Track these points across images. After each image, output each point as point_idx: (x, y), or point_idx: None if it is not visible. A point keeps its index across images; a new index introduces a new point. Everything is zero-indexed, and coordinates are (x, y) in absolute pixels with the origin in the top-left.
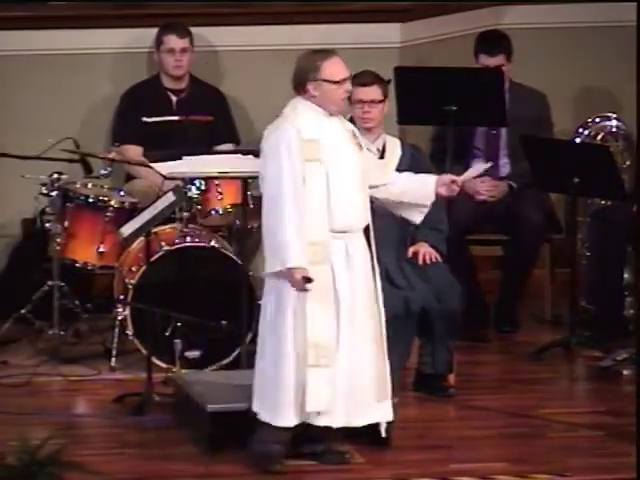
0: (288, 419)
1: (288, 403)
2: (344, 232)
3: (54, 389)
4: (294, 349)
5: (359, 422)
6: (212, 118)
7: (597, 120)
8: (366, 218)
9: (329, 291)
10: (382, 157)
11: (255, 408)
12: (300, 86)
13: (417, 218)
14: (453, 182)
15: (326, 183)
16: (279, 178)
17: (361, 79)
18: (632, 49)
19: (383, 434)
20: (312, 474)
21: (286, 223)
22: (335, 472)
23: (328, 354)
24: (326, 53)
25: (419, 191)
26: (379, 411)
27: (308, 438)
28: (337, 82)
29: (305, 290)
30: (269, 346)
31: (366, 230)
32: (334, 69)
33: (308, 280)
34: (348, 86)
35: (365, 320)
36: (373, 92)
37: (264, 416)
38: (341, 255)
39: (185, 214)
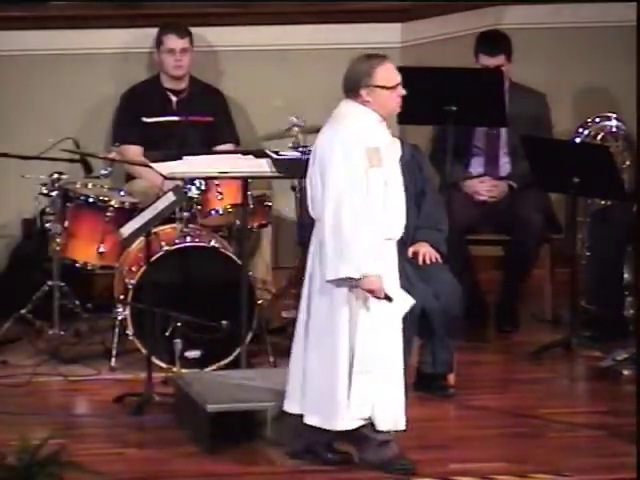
0: (344, 423)
1: (343, 407)
2: (391, 239)
3: (54, 389)
4: (347, 354)
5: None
6: (212, 118)
7: (597, 120)
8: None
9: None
10: None
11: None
12: (353, 91)
13: None
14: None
15: (382, 190)
16: (344, 184)
17: None
18: (632, 49)
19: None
20: (312, 474)
21: (359, 230)
22: (335, 472)
23: (375, 361)
24: (380, 58)
25: None
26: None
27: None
28: (390, 88)
29: (385, 299)
30: (320, 350)
31: None
32: (388, 75)
33: (388, 298)
34: (400, 91)
35: (398, 324)
36: None
37: (316, 421)
38: (387, 261)
39: (185, 214)
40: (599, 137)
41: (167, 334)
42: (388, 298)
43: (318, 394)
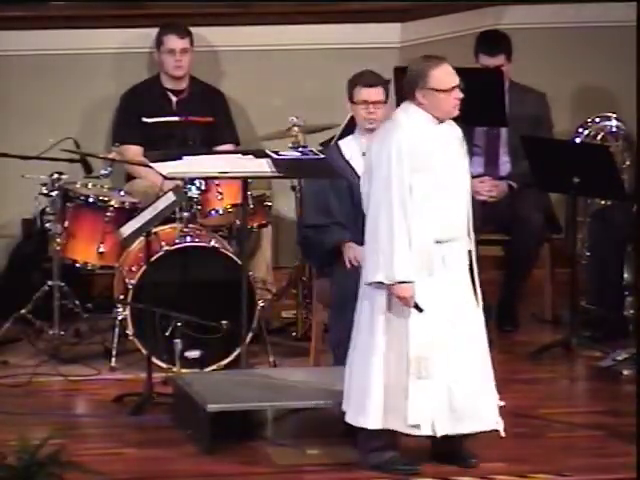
0: (373, 422)
1: (374, 406)
2: (445, 242)
3: (54, 389)
4: (385, 356)
5: (460, 430)
6: (212, 118)
7: (597, 120)
8: (468, 227)
9: (430, 302)
10: None
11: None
12: (410, 93)
13: None
14: None
15: (432, 192)
16: (389, 186)
17: (366, 80)
18: (632, 49)
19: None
20: (311, 474)
21: (396, 235)
22: (334, 471)
23: (429, 365)
24: (436, 60)
25: None
26: (480, 422)
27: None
28: (445, 91)
29: (415, 308)
30: (361, 351)
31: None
32: (442, 78)
33: (418, 308)
34: (457, 94)
35: (465, 331)
36: (378, 93)
37: (349, 417)
38: (440, 264)
39: (185, 214)
40: (599, 137)
41: (167, 334)
42: (418, 308)
43: (355, 393)
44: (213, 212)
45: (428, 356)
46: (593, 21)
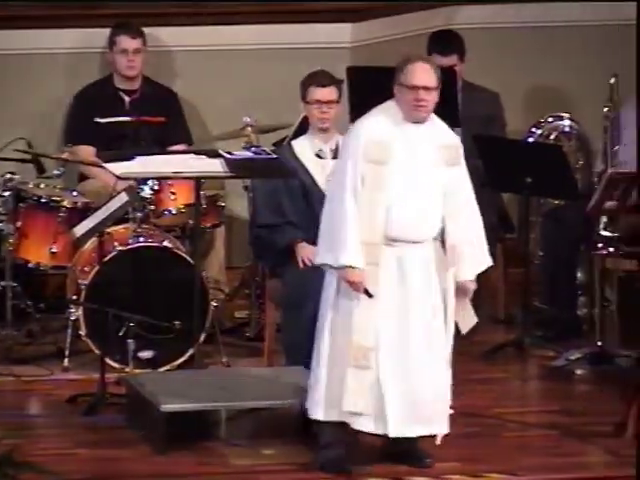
0: (316, 412)
1: (318, 396)
2: (400, 241)
3: (7, 389)
4: (330, 344)
5: (410, 433)
6: (165, 119)
7: (550, 120)
8: (430, 232)
9: (376, 293)
10: (335, 157)
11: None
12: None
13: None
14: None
15: (387, 187)
16: (344, 172)
17: (319, 80)
18: (585, 49)
19: (438, 441)
20: (266, 474)
21: (346, 221)
22: (290, 472)
23: (371, 356)
24: (416, 58)
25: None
26: (435, 425)
27: None
28: (408, 87)
29: (365, 293)
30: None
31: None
32: (409, 74)
33: (368, 293)
34: (421, 95)
35: (419, 335)
36: (331, 93)
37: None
38: (392, 264)
39: (138, 214)
40: (552, 137)
41: (120, 334)
42: (368, 293)
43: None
44: (166, 212)
45: (371, 346)
46: (547, 20)
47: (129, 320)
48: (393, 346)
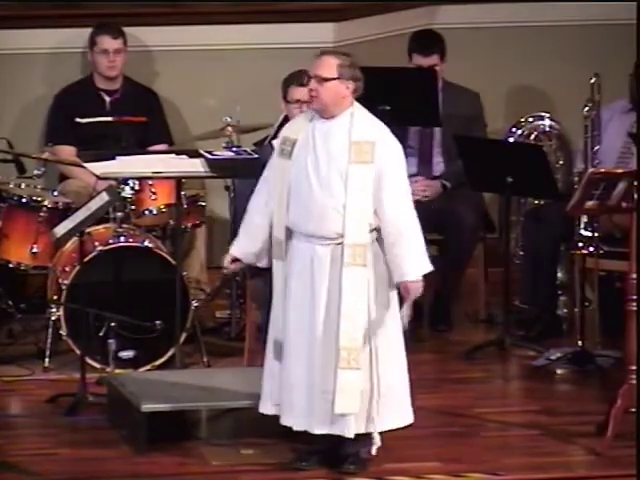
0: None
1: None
2: (309, 236)
3: None
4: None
5: (317, 430)
6: (146, 119)
7: (530, 119)
8: (334, 229)
9: (283, 288)
10: None
11: None
12: None
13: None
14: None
15: (294, 183)
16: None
17: (300, 79)
18: (565, 48)
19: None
20: (246, 473)
21: (246, 213)
22: (268, 472)
23: (280, 350)
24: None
25: (391, 266)
26: (336, 425)
27: None
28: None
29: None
30: None
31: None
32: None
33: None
34: (312, 84)
35: (319, 332)
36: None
37: None
38: (303, 259)
39: (119, 214)
40: (532, 136)
41: (101, 334)
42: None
43: None
44: (147, 212)
45: (281, 340)
46: (526, 21)
47: (110, 320)
48: (304, 342)
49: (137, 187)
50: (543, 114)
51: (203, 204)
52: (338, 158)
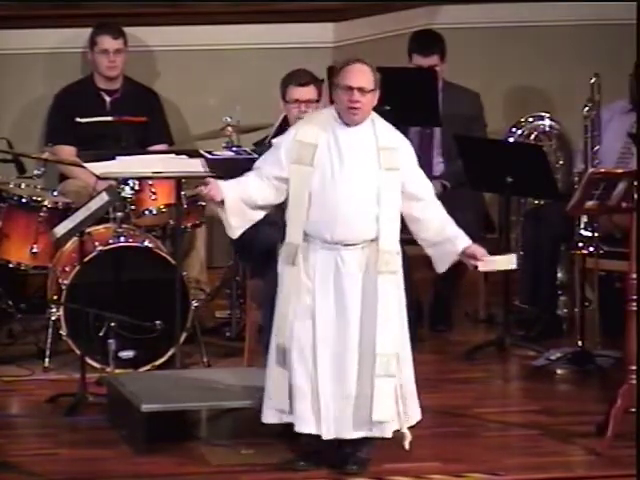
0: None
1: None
2: (334, 243)
3: None
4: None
5: (353, 435)
6: (146, 118)
7: (530, 119)
8: (360, 235)
9: (298, 294)
10: None
11: None
12: None
13: (439, 269)
14: (475, 258)
15: (313, 189)
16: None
17: (298, 79)
18: (565, 48)
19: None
20: (247, 474)
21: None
22: (268, 472)
23: (287, 356)
24: (354, 60)
25: (444, 248)
26: (375, 428)
27: None
28: (342, 87)
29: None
30: None
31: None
32: (344, 74)
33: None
34: (354, 96)
35: (348, 338)
36: (310, 92)
37: None
38: (325, 266)
39: (119, 214)
40: (532, 136)
41: (101, 334)
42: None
43: None
44: (147, 212)
45: (288, 347)
46: (526, 21)
47: (110, 320)
48: (311, 348)
49: (137, 187)
50: (543, 114)
51: (203, 204)
52: (368, 165)
